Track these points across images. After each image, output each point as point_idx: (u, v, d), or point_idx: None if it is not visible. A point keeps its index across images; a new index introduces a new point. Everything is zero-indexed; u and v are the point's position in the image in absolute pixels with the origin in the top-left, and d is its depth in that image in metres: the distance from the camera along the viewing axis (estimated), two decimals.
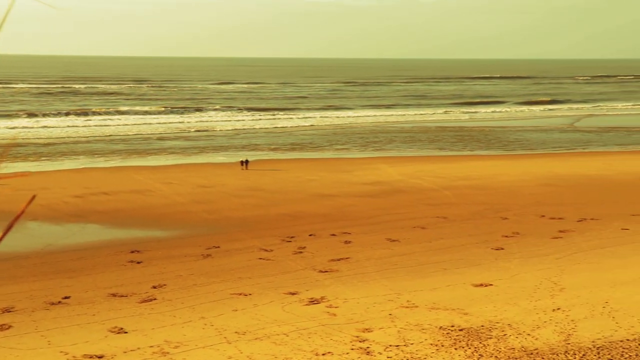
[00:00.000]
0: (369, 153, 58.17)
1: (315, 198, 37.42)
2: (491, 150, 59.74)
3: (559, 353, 16.32)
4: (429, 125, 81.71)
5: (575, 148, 61.19)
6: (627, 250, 26.03)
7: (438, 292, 21.33)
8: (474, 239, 28.46)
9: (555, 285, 21.77)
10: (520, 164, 49.52)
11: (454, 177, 43.48)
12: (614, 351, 16.27)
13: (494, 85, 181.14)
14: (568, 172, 44.94)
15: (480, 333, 17.79)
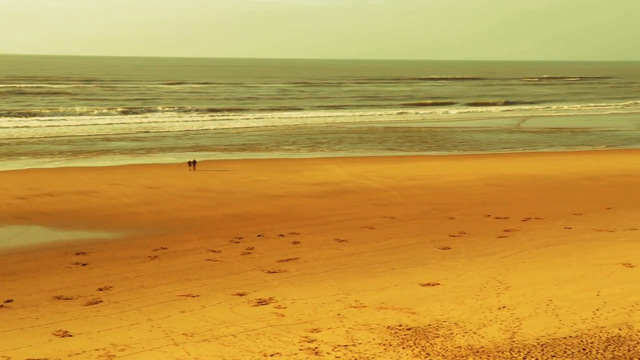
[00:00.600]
0: (318, 153, 58.29)
1: (264, 198, 37.34)
2: (439, 151, 60.33)
3: (504, 351, 16.53)
4: (377, 126, 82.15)
5: (521, 148, 62.12)
6: (570, 249, 26.51)
7: (386, 292, 21.44)
8: (421, 238, 28.69)
9: (501, 284, 22.07)
10: (467, 164, 50.09)
11: (402, 177, 43.80)
12: (557, 348, 16.55)
13: (445, 87, 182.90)
14: (513, 172, 45.60)
15: (427, 332, 17.93)
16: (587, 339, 17.12)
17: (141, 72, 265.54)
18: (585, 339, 17.13)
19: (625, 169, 46.86)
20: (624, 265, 23.78)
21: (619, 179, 42.72)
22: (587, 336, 17.30)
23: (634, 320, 18.19)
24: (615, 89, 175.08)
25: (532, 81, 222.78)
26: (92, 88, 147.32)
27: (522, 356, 16.26)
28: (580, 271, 23.33)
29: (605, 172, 45.58)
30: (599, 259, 24.82)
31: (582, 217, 32.44)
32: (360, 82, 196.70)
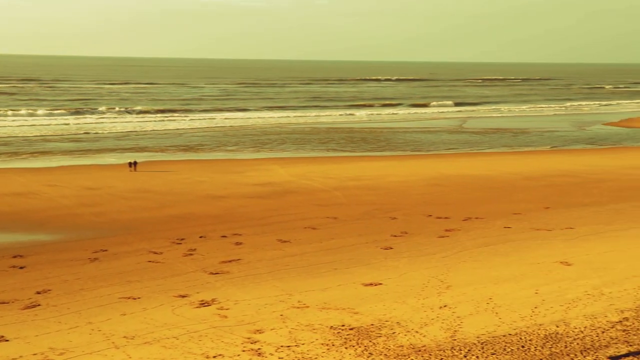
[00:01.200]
0: (261, 154, 58.15)
1: (206, 199, 37.12)
2: (381, 152, 60.73)
3: (446, 349, 16.72)
4: (320, 127, 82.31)
5: (462, 149, 62.91)
6: (510, 248, 26.94)
7: (329, 292, 21.50)
8: (363, 238, 28.84)
9: (442, 283, 22.31)
10: (408, 165, 50.53)
11: (345, 177, 43.98)
12: (497, 346, 16.80)
13: (391, 88, 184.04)
14: (454, 173, 46.16)
15: (370, 332, 18.03)
16: (526, 336, 17.43)
17: (81, 71, 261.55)
18: (524, 336, 17.43)
19: (562, 169, 47.82)
20: (561, 263, 24.27)
21: (557, 179, 43.58)
22: (525, 333, 17.61)
23: (571, 317, 18.58)
24: (558, 91, 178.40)
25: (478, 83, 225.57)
26: (32, 88, 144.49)
27: (463, 354, 16.46)
28: (519, 270, 23.73)
29: (544, 172, 46.45)
30: (538, 257, 25.29)
31: (521, 216, 33.00)
32: (305, 83, 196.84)
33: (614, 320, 18.16)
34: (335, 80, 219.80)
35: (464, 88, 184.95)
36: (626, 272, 22.78)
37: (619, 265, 23.74)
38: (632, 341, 16.58)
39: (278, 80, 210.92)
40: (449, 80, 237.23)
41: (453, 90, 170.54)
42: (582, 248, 26.54)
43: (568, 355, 16.04)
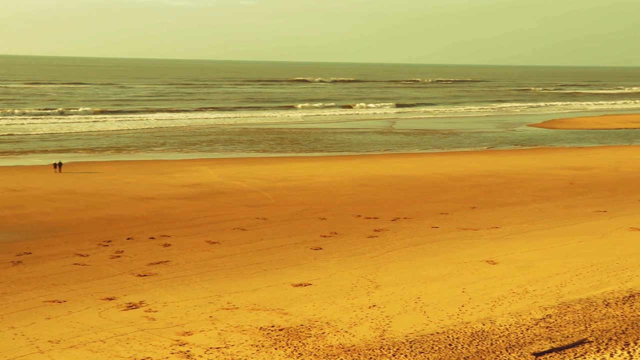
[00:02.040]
0: (189, 155, 57.68)
1: (133, 201, 36.64)
2: (311, 152, 60.89)
3: (375, 349, 16.84)
4: (249, 128, 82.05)
5: (391, 149, 63.50)
6: (437, 248, 27.33)
7: (258, 293, 21.47)
8: (293, 239, 28.89)
9: (371, 282, 22.49)
10: (338, 165, 50.79)
11: (274, 178, 43.95)
12: (425, 344, 17.00)
13: (323, 89, 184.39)
14: (383, 173, 46.59)
15: (299, 332, 18.05)
16: (453, 334, 17.68)
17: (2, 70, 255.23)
18: (451, 334, 17.68)
19: (488, 169, 48.74)
20: (487, 262, 24.73)
21: (483, 179, 44.39)
22: (453, 332, 17.87)
23: (496, 315, 18.94)
24: (489, 92, 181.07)
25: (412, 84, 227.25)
26: None
27: (391, 353, 16.61)
28: (446, 269, 24.09)
29: (470, 172, 47.26)
30: (464, 256, 25.72)
31: (448, 216, 33.52)
32: (237, 84, 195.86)
33: (537, 318, 18.58)
34: (268, 81, 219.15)
35: (398, 90, 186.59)
36: (549, 270, 23.34)
37: (543, 264, 24.32)
38: (554, 337, 16.98)
39: (209, 81, 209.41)
40: (382, 81, 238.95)
41: (386, 92, 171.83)
42: (507, 247, 27.10)
43: (494, 353, 16.34)
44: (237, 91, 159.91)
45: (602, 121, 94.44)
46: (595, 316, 18.38)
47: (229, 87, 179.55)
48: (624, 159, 54.79)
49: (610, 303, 19.44)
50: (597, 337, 16.63)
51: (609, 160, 53.63)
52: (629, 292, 20.42)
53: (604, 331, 17.10)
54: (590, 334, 16.93)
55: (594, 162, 52.86)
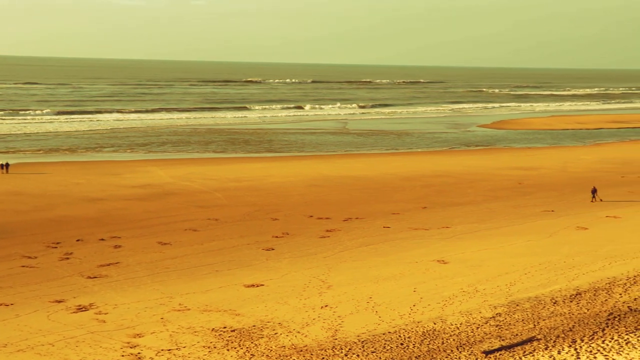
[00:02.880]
0: (139, 155, 57.08)
1: (83, 202, 36.16)
2: (263, 153, 60.70)
3: (327, 349, 16.88)
4: (201, 128, 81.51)
5: (343, 150, 63.62)
6: (389, 247, 27.50)
7: (210, 294, 21.37)
8: (245, 240, 28.82)
9: (324, 283, 22.55)
10: (290, 166, 50.75)
11: (225, 179, 43.76)
12: (377, 344, 17.10)
13: (280, 89, 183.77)
14: (334, 173, 46.69)
15: (252, 333, 18.02)
16: (405, 333, 17.83)
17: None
18: (403, 334, 17.83)
19: (439, 169, 49.17)
20: (438, 262, 24.98)
21: (434, 179, 44.78)
22: (404, 331, 18.01)
23: (447, 314, 19.14)
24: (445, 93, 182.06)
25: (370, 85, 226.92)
26: None
27: (343, 353, 16.68)
28: (398, 269, 24.26)
29: (422, 172, 47.64)
30: (416, 256, 25.94)
31: (399, 216, 33.75)
32: (192, 84, 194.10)
33: (487, 316, 18.81)
34: (221, 82, 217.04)
35: (354, 91, 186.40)
36: (499, 269, 23.66)
37: (492, 263, 24.64)
38: (504, 335, 17.21)
39: (162, 81, 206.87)
40: (339, 82, 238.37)
41: (342, 93, 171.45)
42: (457, 247, 27.40)
43: (445, 352, 16.50)
44: (190, 92, 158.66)
45: (550, 122, 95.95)
46: (544, 314, 18.68)
47: (182, 87, 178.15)
48: (570, 159, 55.75)
49: (558, 301, 19.77)
50: (546, 335, 16.90)
51: (557, 161, 54.53)
52: (576, 290, 20.79)
53: (552, 329, 17.38)
54: (538, 332, 17.20)
55: (542, 162, 53.69)
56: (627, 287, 20.75)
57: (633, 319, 17.62)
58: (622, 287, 20.73)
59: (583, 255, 25.21)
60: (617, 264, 23.62)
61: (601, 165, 52.40)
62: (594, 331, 16.86)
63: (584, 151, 62.48)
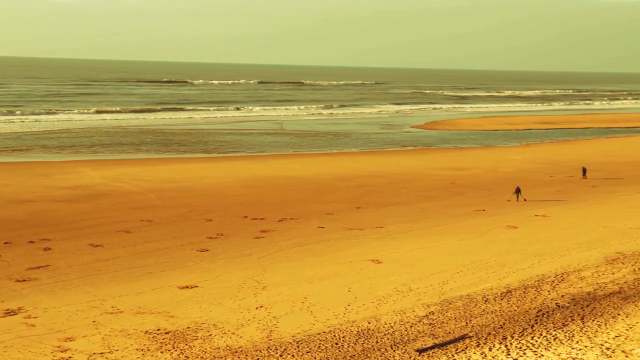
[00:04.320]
0: (70, 156, 56.04)
1: (11, 204, 35.37)
2: (197, 153, 60.25)
3: (262, 349, 16.88)
4: (133, 129, 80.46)
5: (279, 150, 63.57)
6: (324, 248, 27.62)
7: (144, 296, 21.15)
8: (179, 241, 28.59)
9: (258, 283, 22.52)
10: (224, 166, 50.51)
11: (159, 179, 43.31)
12: (312, 344, 17.17)
13: (214, 90, 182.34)
14: (269, 174, 46.65)
15: (186, 335, 17.90)
16: (340, 333, 17.95)
17: None
18: (337, 333, 17.94)
19: (373, 170, 49.56)
20: (372, 261, 25.20)
21: (368, 180, 45.11)
22: (339, 331, 18.13)
23: (382, 314, 19.33)
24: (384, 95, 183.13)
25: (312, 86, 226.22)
26: None
27: (279, 354, 16.70)
28: (332, 269, 24.40)
29: (356, 173, 47.94)
30: (350, 256, 26.11)
31: (334, 216, 33.91)
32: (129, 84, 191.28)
33: (420, 315, 19.07)
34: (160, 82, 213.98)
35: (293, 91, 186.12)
36: (432, 268, 23.99)
37: (426, 262, 24.98)
38: (437, 334, 17.47)
39: (94, 81, 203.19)
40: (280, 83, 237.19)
41: (282, 94, 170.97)
42: (391, 246, 27.67)
43: (379, 350, 16.66)
44: (125, 92, 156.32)
45: (481, 123, 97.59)
46: (475, 312, 19.02)
47: (116, 87, 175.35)
48: (501, 159, 56.82)
49: (489, 299, 20.15)
50: (477, 332, 17.21)
51: (488, 161, 55.51)
52: (507, 288, 21.23)
53: (483, 326, 17.71)
54: (470, 330, 17.50)
55: (473, 162, 54.58)
56: (555, 284, 21.27)
57: (560, 316, 18.07)
58: (550, 285, 21.24)
59: (513, 253, 25.74)
60: (545, 262, 24.20)
61: (531, 165, 53.54)
62: (524, 328, 17.23)
63: (514, 151, 63.72)
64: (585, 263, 23.82)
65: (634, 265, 23.30)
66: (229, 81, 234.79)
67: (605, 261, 24.04)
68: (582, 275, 22.18)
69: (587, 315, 18.07)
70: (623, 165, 53.93)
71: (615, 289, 20.43)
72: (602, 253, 25.28)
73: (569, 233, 29.38)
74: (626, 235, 28.55)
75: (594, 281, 21.44)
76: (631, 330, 16.09)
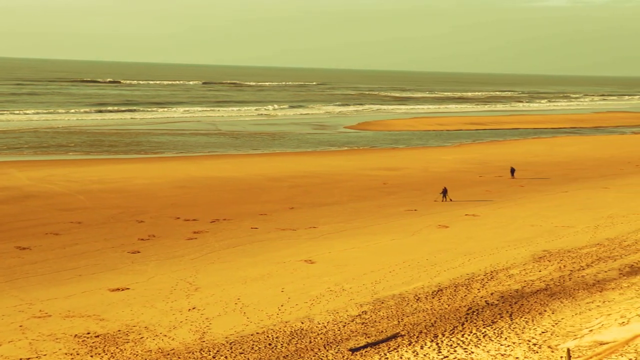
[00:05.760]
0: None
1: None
2: (128, 154, 59.40)
3: (195, 351, 16.78)
4: (62, 130, 78.92)
5: (212, 151, 63.08)
6: (257, 248, 27.57)
7: (73, 300, 20.78)
8: (110, 243, 28.18)
9: (191, 285, 22.36)
10: (156, 167, 49.94)
11: (88, 180, 42.58)
12: (245, 345, 17.13)
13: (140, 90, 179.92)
14: (202, 175, 46.32)
15: (117, 338, 17.66)
16: (273, 334, 17.95)
17: None
18: (271, 334, 17.94)
19: (306, 170, 49.65)
20: (305, 261, 25.26)
21: (301, 180, 45.17)
22: (272, 331, 18.13)
23: (315, 313, 19.40)
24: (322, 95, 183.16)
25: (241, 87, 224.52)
26: None
27: (211, 355, 16.61)
28: (266, 269, 24.37)
29: (289, 173, 47.95)
30: (283, 256, 26.13)
31: (267, 217, 33.87)
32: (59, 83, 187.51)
33: (353, 314, 19.20)
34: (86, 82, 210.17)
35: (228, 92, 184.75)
36: (364, 268, 24.17)
37: (358, 262, 25.15)
38: (369, 333, 17.61)
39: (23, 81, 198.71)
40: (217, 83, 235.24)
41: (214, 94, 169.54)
42: (324, 246, 27.79)
43: (312, 350, 16.72)
44: (53, 91, 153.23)
45: (413, 123, 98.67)
46: (407, 311, 19.24)
47: (43, 87, 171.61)
48: (432, 159, 57.57)
49: (420, 298, 20.41)
50: (409, 331, 17.41)
51: (419, 161, 56.18)
52: (438, 286, 21.54)
53: (415, 325, 17.93)
54: (402, 328, 17.70)
55: (405, 162, 55.17)
56: (484, 282, 21.67)
57: (490, 313, 18.42)
58: (480, 283, 21.63)
59: (444, 252, 26.12)
60: (475, 261, 24.63)
61: (461, 165, 54.38)
62: (454, 326, 17.51)
63: (445, 152, 64.62)
64: (513, 261, 24.33)
65: (559, 262, 23.89)
66: (164, 81, 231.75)
67: (532, 259, 24.59)
68: (511, 273, 22.65)
69: (515, 312, 18.46)
70: (549, 165, 55.24)
71: (542, 286, 20.91)
72: (529, 251, 25.85)
73: (498, 232, 29.97)
74: (552, 233, 29.25)
75: (521, 279, 21.90)
76: (557, 326, 16.49)
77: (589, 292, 19.94)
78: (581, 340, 14.86)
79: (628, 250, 25.03)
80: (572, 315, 17.26)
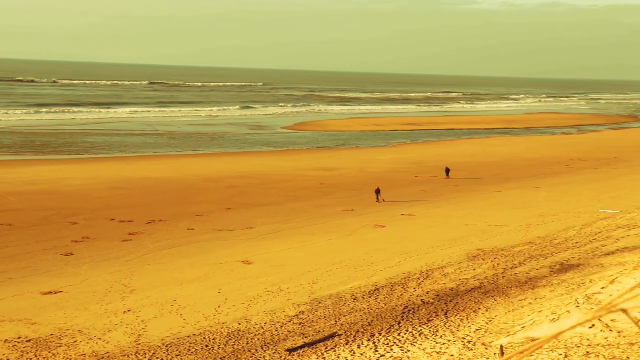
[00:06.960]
0: None
1: None
2: (61, 155, 58.30)
3: (130, 354, 16.56)
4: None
5: (147, 151, 62.37)
6: (194, 249, 27.37)
7: (3, 304, 20.32)
8: (42, 245, 27.63)
9: (126, 287, 22.07)
10: (90, 168, 49.15)
11: (20, 182, 41.66)
12: (182, 347, 16.99)
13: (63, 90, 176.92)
14: (137, 175, 45.76)
15: (49, 342, 17.33)
16: (210, 335, 17.84)
17: None
18: (208, 335, 17.83)
19: (243, 170, 49.47)
20: (242, 262, 25.18)
21: (238, 180, 44.99)
22: (209, 333, 18.02)
23: (252, 314, 19.35)
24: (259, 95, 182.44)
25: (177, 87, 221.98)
26: None
27: (147, 358, 16.42)
28: (203, 271, 24.21)
29: (226, 174, 47.71)
30: (221, 257, 25.99)
31: (204, 218, 33.64)
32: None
33: (291, 315, 19.21)
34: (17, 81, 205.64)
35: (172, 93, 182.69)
36: (302, 268, 24.21)
37: (296, 262, 25.18)
38: (307, 333, 17.64)
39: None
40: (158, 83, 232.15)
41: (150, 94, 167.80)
42: (262, 247, 27.74)
43: (250, 352, 16.67)
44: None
45: (349, 124, 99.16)
46: (345, 310, 19.33)
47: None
48: (368, 160, 57.95)
49: (357, 297, 20.52)
50: (347, 331, 17.49)
51: (356, 162, 56.49)
52: (374, 286, 21.69)
53: (352, 324, 18.02)
54: (340, 328, 17.77)
55: (341, 163, 55.41)
56: (420, 281, 21.90)
57: (425, 312, 18.63)
58: (416, 282, 21.86)
59: (381, 252, 26.33)
60: (411, 260, 24.88)
61: (397, 165, 54.87)
62: (391, 325, 17.65)
63: (381, 152, 65.11)
64: (448, 260, 24.65)
65: (493, 261, 24.30)
66: (107, 82, 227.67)
67: (467, 258, 24.96)
68: (446, 272, 22.94)
69: (451, 310, 18.70)
70: (483, 165, 56.15)
71: (476, 285, 21.23)
72: (464, 250, 26.23)
73: (434, 231, 30.34)
74: (486, 232, 29.75)
75: (457, 277, 22.20)
76: (491, 323, 16.77)
77: (521, 289, 20.32)
78: (514, 337, 15.15)
79: (558, 248, 25.59)
80: (505, 313, 17.57)
